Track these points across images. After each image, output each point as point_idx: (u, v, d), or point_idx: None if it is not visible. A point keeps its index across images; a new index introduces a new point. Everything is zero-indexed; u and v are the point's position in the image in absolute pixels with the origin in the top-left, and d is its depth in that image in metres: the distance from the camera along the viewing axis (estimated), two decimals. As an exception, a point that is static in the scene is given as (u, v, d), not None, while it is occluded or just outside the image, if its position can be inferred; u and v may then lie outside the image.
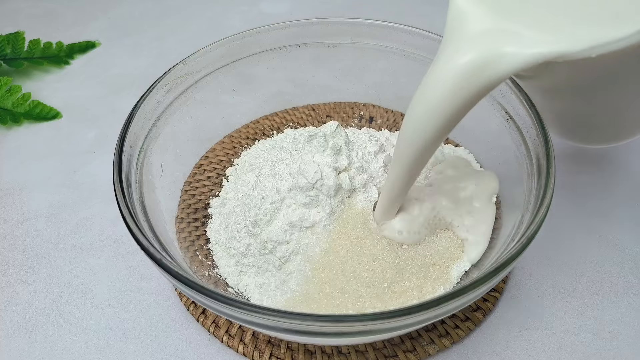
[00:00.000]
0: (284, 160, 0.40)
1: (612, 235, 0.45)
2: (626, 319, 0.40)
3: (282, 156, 0.41)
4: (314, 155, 0.39)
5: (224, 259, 0.41)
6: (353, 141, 0.41)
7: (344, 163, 0.39)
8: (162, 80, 0.42)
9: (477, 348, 0.39)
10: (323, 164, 0.38)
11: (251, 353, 0.39)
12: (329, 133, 0.40)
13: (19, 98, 0.58)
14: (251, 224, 0.39)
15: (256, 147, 0.49)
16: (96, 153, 0.55)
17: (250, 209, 0.39)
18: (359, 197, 0.40)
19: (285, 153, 0.41)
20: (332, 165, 0.39)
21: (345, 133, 0.41)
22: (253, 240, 0.39)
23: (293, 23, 0.47)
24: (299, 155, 0.40)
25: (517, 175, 0.39)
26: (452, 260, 0.39)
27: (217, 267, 0.41)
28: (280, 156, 0.41)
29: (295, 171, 0.38)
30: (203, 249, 0.42)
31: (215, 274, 0.41)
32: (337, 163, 0.39)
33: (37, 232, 0.48)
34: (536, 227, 0.32)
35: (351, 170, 0.40)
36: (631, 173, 0.50)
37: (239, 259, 0.40)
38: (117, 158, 0.37)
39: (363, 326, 0.29)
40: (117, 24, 0.72)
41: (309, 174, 0.38)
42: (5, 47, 0.64)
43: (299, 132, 0.47)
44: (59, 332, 0.41)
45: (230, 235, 0.40)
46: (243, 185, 0.44)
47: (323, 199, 0.38)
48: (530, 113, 0.38)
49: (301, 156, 0.39)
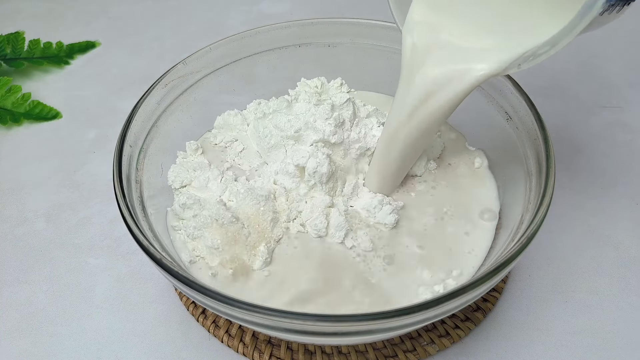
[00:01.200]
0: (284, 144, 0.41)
1: (612, 235, 0.45)
2: (626, 319, 0.40)
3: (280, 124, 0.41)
4: (315, 120, 0.39)
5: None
6: (358, 119, 0.41)
7: (341, 138, 0.40)
8: (162, 80, 0.42)
9: (477, 348, 0.39)
10: (321, 136, 0.39)
11: (251, 353, 0.39)
12: (337, 104, 0.40)
13: (19, 98, 0.58)
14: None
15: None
16: (96, 153, 0.55)
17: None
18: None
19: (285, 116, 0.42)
20: (325, 152, 0.39)
21: (354, 108, 0.41)
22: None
23: (293, 23, 0.47)
24: (303, 116, 0.40)
25: (517, 175, 0.39)
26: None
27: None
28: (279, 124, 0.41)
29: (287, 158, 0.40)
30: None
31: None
32: (335, 135, 0.39)
33: (37, 232, 0.48)
34: (536, 227, 0.32)
35: (340, 150, 0.40)
36: (631, 173, 0.50)
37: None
38: (117, 158, 0.37)
39: (363, 326, 0.29)
40: (117, 24, 0.72)
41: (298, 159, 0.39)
42: (5, 47, 0.64)
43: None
44: (59, 332, 0.41)
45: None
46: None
47: (318, 187, 0.39)
48: (530, 113, 0.38)
49: (304, 118, 0.40)
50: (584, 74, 0.60)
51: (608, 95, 0.58)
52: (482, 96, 0.43)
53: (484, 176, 0.43)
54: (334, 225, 0.38)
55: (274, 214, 0.38)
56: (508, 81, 0.40)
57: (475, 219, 0.40)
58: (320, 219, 0.38)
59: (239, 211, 0.38)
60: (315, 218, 0.38)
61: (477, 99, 0.43)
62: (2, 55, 0.63)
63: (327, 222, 0.38)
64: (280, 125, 0.41)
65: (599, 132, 0.54)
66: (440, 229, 0.39)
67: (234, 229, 0.37)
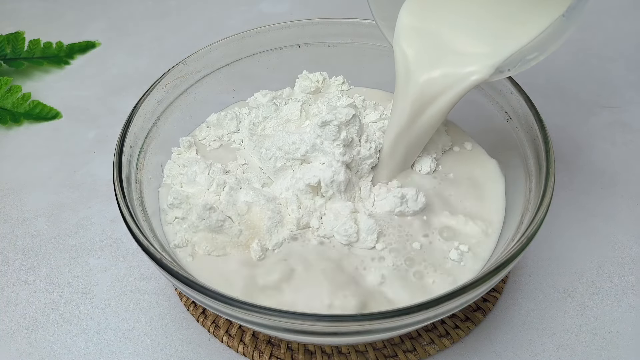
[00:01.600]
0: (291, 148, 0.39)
1: (612, 235, 0.45)
2: (626, 319, 0.40)
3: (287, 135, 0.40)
4: (322, 142, 0.38)
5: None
6: (365, 133, 0.40)
7: (351, 157, 0.38)
8: (162, 80, 0.42)
9: (477, 348, 0.39)
10: (331, 158, 0.38)
11: (251, 353, 0.39)
12: (344, 121, 0.38)
13: (19, 98, 0.58)
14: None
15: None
16: (96, 153, 0.55)
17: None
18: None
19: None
20: (340, 159, 0.37)
21: (360, 122, 0.39)
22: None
23: (293, 23, 0.47)
24: (309, 138, 0.38)
25: (517, 175, 0.39)
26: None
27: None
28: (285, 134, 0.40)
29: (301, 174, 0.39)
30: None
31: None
32: (345, 156, 0.38)
33: (37, 232, 0.48)
34: (536, 227, 0.32)
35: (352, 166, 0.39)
36: (631, 173, 0.50)
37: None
38: (117, 158, 0.37)
39: (363, 326, 0.29)
40: (117, 24, 0.72)
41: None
42: (5, 47, 0.64)
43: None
44: (59, 332, 0.41)
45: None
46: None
47: (337, 195, 0.38)
48: (530, 113, 0.38)
49: (310, 140, 0.38)
50: (584, 74, 0.60)
51: (608, 95, 0.58)
52: (482, 96, 0.43)
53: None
54: (364, 229, 0.36)
55: (275, 214, 0.37)
56: (508, 81, 0.40)
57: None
58: (350, 223, 0.36)
59: (229, 207, 0.37)
60: (343, 223, 0.37)
61: (477, 99, 0.43)
62: (2, 55, 0.63)
63: (357, 227, 0.37)
64: (284, 148, 0.39)
65: (599, 132, 0.54)
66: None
67: (224, 228, 0.37)
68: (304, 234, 0.38)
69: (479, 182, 0.41)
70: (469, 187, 0.40)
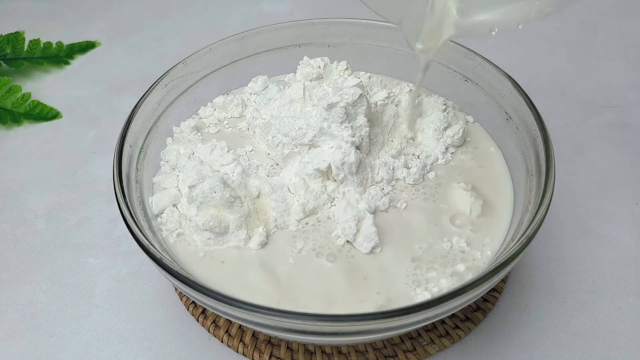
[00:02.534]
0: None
1: (612, 236, 0.45)
2: (626, 319, 0.40)
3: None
4: (330, 125, 0.37)
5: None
6: (374, 112, 0.39)
7: (360, 139, 0.37)
8: (162, 80, 0.42)
9: (477, 348, 0.39)
10: (340, 140, 0.37)
11: (251, 353, 0.39)
12: (350, 102, 0.36)
13: (19, 98, 0.58)
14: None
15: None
16: (96, 153, 0.55)
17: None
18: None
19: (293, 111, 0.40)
20: (349, 140, 0.36)
21: (368, 102, 0.38)
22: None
23: (293, 23, 0.47)
24: (315, 122, 0.37)
25: (517, 175, 0.39)
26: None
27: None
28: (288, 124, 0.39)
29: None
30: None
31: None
32: (354, 137, 0.37)
33: (37, 232, 0.48)
34: (536, 227, 0.32)
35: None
36: (631, 173, 0.50)
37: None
38: (117, 158, 0.37)
39: (363, 326, 0.29)
40: (117, 24, 0.72)
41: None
42: (5, 47, 0.64)
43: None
44: (59, 332, 0.41)
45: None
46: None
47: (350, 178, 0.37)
48: (530, 113, 0.38)
49: (316, 124, 0.37)
50: (584, 74, 0.61)
51: (608, 95, 0.58)
52: (482, 96, 0.43)
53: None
54: (363, 233, 0.35)
55: (279, 203, 0.37)
56: (508, 81, 0.40)
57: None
58: (350, 223, 0.35)
59: (240, 188, 0.36)
60: (345, 221, 0.36)
61: (477, 98, 0.43)
62: (2, 55, 0.63)
63: (356, 229, 0.35)
64: (291, 134, 0.38)
65: (599, 132, 0.54)
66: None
67: (235, 205, 0.36)
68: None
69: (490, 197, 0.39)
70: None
